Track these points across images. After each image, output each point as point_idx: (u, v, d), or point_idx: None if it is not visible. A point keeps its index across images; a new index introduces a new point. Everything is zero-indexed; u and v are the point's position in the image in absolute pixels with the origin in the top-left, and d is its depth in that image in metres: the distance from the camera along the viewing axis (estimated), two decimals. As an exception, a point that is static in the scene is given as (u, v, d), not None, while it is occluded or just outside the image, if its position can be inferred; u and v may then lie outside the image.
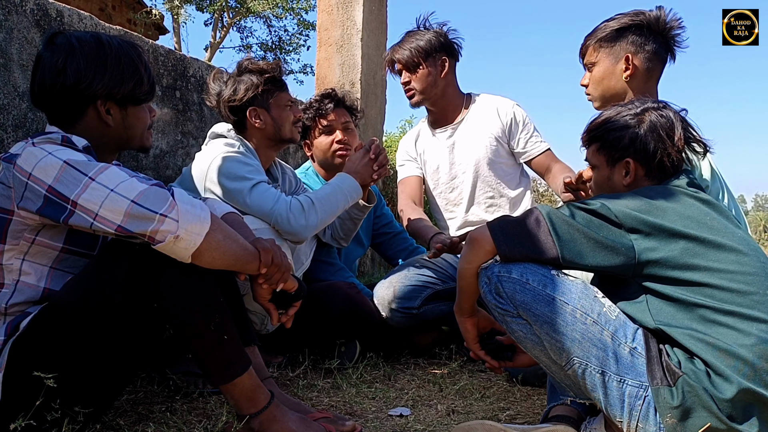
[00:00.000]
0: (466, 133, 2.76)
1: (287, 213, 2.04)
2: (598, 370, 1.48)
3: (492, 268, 1.57)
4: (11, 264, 1.49)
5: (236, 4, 15.90)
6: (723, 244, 1.48)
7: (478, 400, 2.03)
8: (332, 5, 4.24)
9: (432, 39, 2.66)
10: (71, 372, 1.47)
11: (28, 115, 2.04)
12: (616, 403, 1.47)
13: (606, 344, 1.47)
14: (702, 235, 1.47)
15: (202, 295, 1.50)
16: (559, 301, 1.50)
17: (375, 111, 4.55)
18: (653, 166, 1.65)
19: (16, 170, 1.43)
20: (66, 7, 2.21)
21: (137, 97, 1.61)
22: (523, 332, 1.57)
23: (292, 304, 1.71)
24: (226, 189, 2.07)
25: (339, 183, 2.21)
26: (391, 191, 5.33)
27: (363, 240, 2.92)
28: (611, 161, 1.71)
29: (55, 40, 1.54)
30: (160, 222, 1.37)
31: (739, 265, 1.46)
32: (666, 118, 1.65)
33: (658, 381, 1.42)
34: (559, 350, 1.51)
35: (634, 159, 1.66)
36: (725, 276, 1.45)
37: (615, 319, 1.50)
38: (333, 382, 2.16)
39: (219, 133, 2.28)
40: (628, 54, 2.10)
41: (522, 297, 1.52)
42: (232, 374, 1.54)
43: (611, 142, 1.69)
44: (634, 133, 1.65)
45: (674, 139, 1.63)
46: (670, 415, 1.40)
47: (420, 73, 2.66)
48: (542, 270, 1.53)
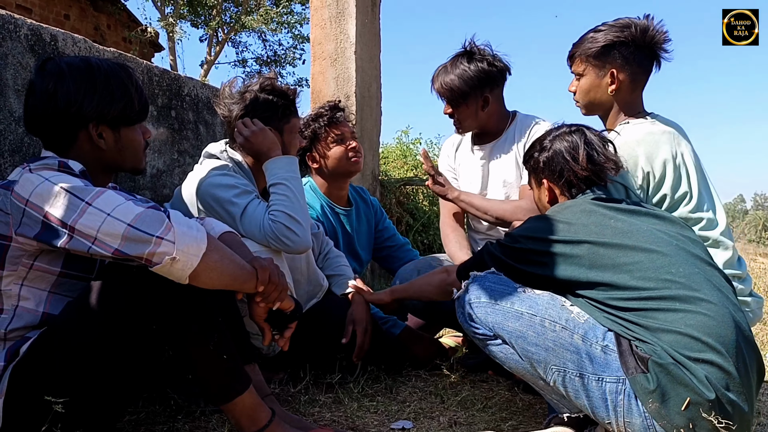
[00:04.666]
0: (498, 154, 2.73)
1: (278, 237, 2.03)
2: (575, 373, 1.54)
3: (463, 297, 1.73)
4: (10, 289, 1.50)
5: (231, 20, 15.98)
6: (621, 244, 1.63)
7: (480, 411, 2.03)
8: (325, 19, 4.27)
9: (473, 76, 2.57)
10: (72, 395, 1.47)
11: (25, 139, 2.05)
12: (600, 403, 1.51)
13: (578, 347, 1.55)
14: (602, 240, 1.64)
15: (199, 316, 1.51)
16: (527, 314, 1.62)
17: (371, 123, 4.57)
18: (562, 184, 1.91)
19: (14, 197, 1.44)
20: (60, 31, 2.23)
21: (129, 118, 1.62)
22: (503, 353, 1.69)
23: (288, 324, 1.71)
24: (219, 214, 2.08)
25: (277, 173, 2.13)
26: (388, 203, 5.35)
27: (361, 255, 2.91)
28: (537, 182, 2.01)
29: (45, 67, 1.56)
30: (156, 244, 1.38)
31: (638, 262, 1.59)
32: (570, 142, 1.90)
33: (633, 370, 1.48)
34: (537, 362, 1.60)
35: (548, 179, 1.94)
36: (631, 267, 1.58)
37: (584, 322, 1.58)
38: (334, 397, 2.16)
39: (211, 153, 2.29)
40: (614, 69, 2.13)
41: (494, 318, 1.67)
42: (232, 393, 1.55)
43: (533, 166, 2.00)
44: (546, 157, 1.93)
45: (578, 159, 1.86)
46: (651, 399, 1.44)
47: (462, 110, 2.64)
48: (509, 290, 1.68)
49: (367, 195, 3.06)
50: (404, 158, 6.96)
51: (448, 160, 2.91)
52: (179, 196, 2.20)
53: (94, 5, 11.15)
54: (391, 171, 6.49)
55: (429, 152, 3.05)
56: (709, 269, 1.62)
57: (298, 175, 2.18)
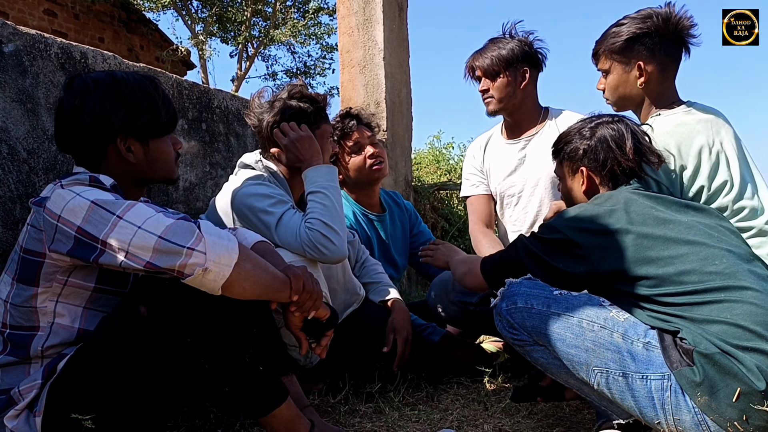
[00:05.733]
0: (538, 148, 2.66)
1: (314, 246, 1.99)
2: (619, 373, 1.48)
3: (500, 305, 1.69)
4: (45, 306, 1.49)
5: (259, 34, 16.15)
6: (665, 236, 1.58)
7: (525, 418, 1.97)
8: (353, 27, 4.26)
9: (515, 48, 2.58)
10: (111, 411, 1.46)
11: (58, 157, 2.07)
12: (647, 403, 1.45)
13: (619, 346, 1.49)
14: (646, 231, 1.59)
15: (234, 327, 1.48)
16: (565, 315, 1.57)
17: (402, 129, 4.53)
18: (605, 174, 1.83)
19: (46, 213, 1.44)
20: (90, 49, 2.25)
21: (156, 130, 1.61)
22: (544, 359, 1.64)
23: (324, 333, 1.68)
24: (254, 225, 2.06)
25: (317, 182, 2.09)
26: (422, 209, 5.30)
27: (397, 261, 2.87)
28: (571, 171, 1.92)
29: (72, 83, 1.56)
30: (187, 256, 1.35)
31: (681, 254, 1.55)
32: (616, 130, 1.83)
33: (678, 363, 1.42)
34: (578, 364, 1.54)
35: (588, 168, 1.86)
36: (676, 260, 1.53)
37: (623, 321, 1.53)
38: (375, 407, 2.12)
39: (247, 163, 2.27)
40: (640, 62, 2.08)
41: (531, 322, 1.61)
42: (269, 406, 1.52)
43: (569, 154, 1.91)
44: (588, 145, 1.85)
45: (624, 149, 1.80)
46: (699, 393, 1.38)
47: (499, 82, 2.59)
48: (544, 293, 1.63)
49: (401, 199, 3.02)
50: (437, 163, 6.92)
51: (474, 162, 2.84)
52: (214, 207, 2.19)
53: (127, 27, 11.40)
54: (424, 176, 6.45)
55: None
56: (752, 259, 1.58)
57: (338, 185, 2.15)
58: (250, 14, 15.15)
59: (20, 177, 1.94)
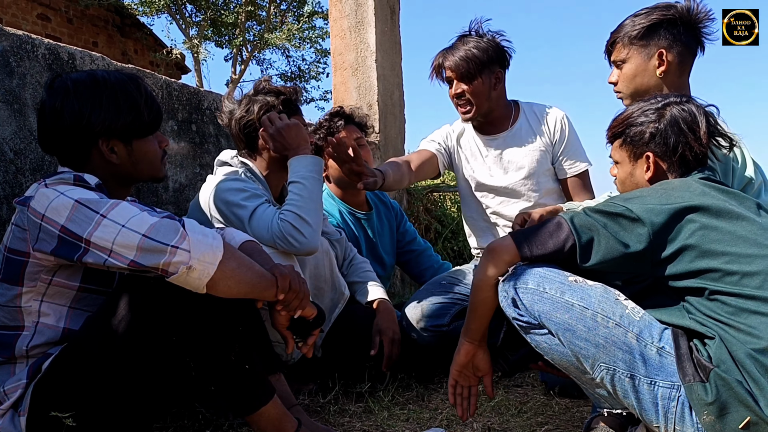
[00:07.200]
0: (514, 144, 2.64)
1: (284, 237, 1.97)
2: (626, 374, 1.42)
3: (508, 281, 1.54)
4: (30, 306, 1.49)
5: (254, 38, 16.15)
6: (741, 215, 1.44)
7: (514, 416, 1.97)
8: (345, 29, 4.26)
9: (489, 49, 2.50)
10: (96, 411, 1.45)
11: (45, 158, 2.06)
12: (650, 407, 1.40)
13: (631, 346, 1.42)
14: (715, 223, 1.44)
15: (220, 326, 1.48)
16: (579, 306, 1.46)
17: (395, 131, 4.54)
18: (674, 161, 1.64)
19: (30, 212, 1.43)
20: (77, 50, 2.24)
21: (139, 130, 1.59)
22: (547, 344, 1.53)
23: (311, 332, 1.67)
24: (228, 219, 2.05)
25: (298, 171, 2.08)
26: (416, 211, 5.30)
27: (385, 259, 2.86)
28: (633, 156, 1.70)
29: (53, 85, 1.55)
30: (171, 254, 1.35)
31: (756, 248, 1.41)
32: (688, 112, 1.63)
33: (690, 377, 1.35)
34: (584, 357, 1.46)
35: (654, 153, 1.65)
36: (743, 260, 1.40)
37: (639, 320, 1.44)
38: (365, 406, 2.11)
39: (224, 160, 2.27)
40: (662, 50, 2.03)
41: (540, 306, 1.50)
42: (256, 404, 1.52)
43: (633, 137, 1.69)
44: (655, 128, 1.64)
45: (697, 133, 1.61)
46: (707, 412, 1.32)
47: (475, 85, 2.50)
48: (559, 277, 1.50)
49: (387, 198, 3.01)
50: (431, 165, 6.90)
51: (447, 139, 2.76)
52: (196, 205, 2.18)
53: (121, 31, 11.42)
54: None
55: None
56: None
57: (319, 176, 2.13)
58: (244, 18, 15.16)
59: (7, 177, 1.93)
